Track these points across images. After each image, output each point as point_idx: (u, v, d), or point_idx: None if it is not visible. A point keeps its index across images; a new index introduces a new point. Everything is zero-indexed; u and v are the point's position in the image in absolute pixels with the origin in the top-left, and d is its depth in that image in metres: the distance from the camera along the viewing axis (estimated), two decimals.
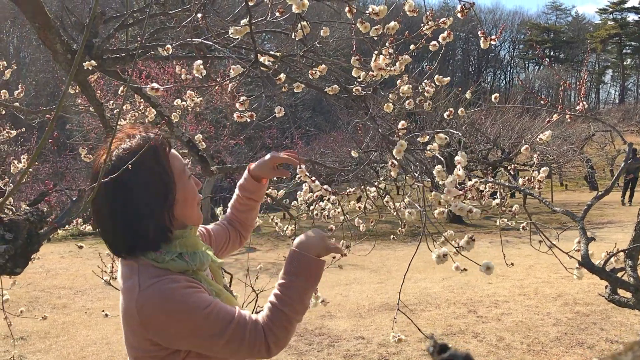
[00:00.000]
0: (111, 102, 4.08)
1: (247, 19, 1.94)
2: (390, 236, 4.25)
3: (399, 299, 2.44)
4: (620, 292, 2.45)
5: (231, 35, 1.95)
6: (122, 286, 1.42)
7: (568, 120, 2.82)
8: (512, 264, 2.50)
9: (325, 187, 2.29)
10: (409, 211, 2.33)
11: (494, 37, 2.16)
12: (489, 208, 3.09)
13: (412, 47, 2.37)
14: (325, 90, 2.50)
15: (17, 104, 4.02)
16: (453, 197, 1.84)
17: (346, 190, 3.34)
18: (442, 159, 2.09)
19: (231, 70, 2.02)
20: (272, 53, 2.41)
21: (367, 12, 2.08)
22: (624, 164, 2.80)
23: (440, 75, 2.55)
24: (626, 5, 66.89)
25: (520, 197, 2.95)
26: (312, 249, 1.53)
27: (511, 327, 6.20)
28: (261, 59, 2.28)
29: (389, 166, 2.23)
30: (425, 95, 2.58)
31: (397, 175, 2.44)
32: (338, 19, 2.73)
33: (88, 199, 1.16)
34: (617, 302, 2.41)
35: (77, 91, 3.61)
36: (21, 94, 4.18)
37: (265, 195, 1.99)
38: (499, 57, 72.46)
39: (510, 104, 21.15)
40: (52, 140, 4.45)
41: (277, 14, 2.01)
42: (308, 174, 2.26)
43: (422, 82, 2.58)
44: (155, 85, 1.88)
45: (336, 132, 25.80)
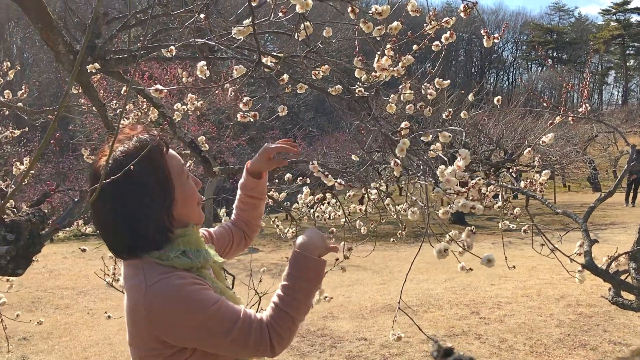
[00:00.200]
0: (114, 102, 4.08)
1: (250, 19, 1.94)
2: (391, 239, 4.25)
3: (400, 300, 2.44)
4: (624, 294, 2.44)
5: (234, 36, 1.95)
6: (127, 285, 1.42)
7: (571, 122, 2.81)
8: (514, 267, 2.49)
9: (339, 180, 2.29)
10: (412, 210, 2.32)
11: (496, 35, 2.16)
12: (491, 208, 3.08)
13: (414, 47, 2.37)
14: (328, 91, 2.50)
15: (20, 104, 4.03)
16: (455, 193, 1.84)
17: (348, 192, 3.34)
18: (445, 159, 2.08)
19: (234, 71, 2.02)
20: (275, 54, 2.41)
21: (370, 12, 2.07)
22: (627, 165, 2.80)
23: (441, 79, 2.54)
24: (629, 6, 66.74)
25: (522, 199, 2.94)
26: (314, 250, 1.54)
27: (514, 329, 6.19)
28: (264, 60, 2.28)
29: (392, 165, 2.23)
30: (428, 99, 2.58)
31: (400, 175, 2.44)
32: (341, 20, 2.72)
33: (89, 201, 1.16)
34: (620, 305, 2.40)
35: (80, 91, 3.61)
36: (24, 95, 4.18)
37: (267, 197, 1.97)
38: (502, 58, 72.34)
39: (513, 105, 21.14)
40: (54, 140, 4.45)
41: (280, 14, 2.01)
42: (320, 169, 2.26)
43: (424, 85, 2.57)
44: (159, 87, 1.88)
45: (339, 133, 25.78)
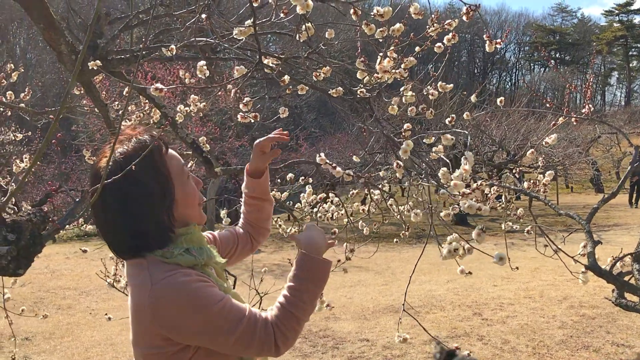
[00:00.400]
0: (116, 103, 4.08)
1: (252, 20, 1.93)
2: (394, 239, 4.24)
3: (404, 302, 2.43)
4: (627, 295, 2.43)
5: (235, 36, 1.94)
6: (131, 284, 1.42)
7: (574, 123, 2.80)
8: (516, 268, 2.48)
9: (348, 171, 2.28)
10: (415, 212, 2.32)
11: (499, 40, 2.15)
12: (496, 209, 3.07)
13: (417, 49, 2.36)
14: (330, 92, 2.50)
15: (23, 105, 4.03)
16: (460, 195, 1.83)
17: (350, 193, 3.33)
18: (447, 161, 2.08)
19: (235, 72, 2.02)
20: (276, 55, 2.41)
21: (372, 14, 2.07)
22: (630, 166, 2.79)
23: (444, 82, 2.54)
24: (632, 8, 66.62)
25: (525, 200, 2.94)
26: (318, 250, 1.54)
27: (516, 330, 6.17)
28: (265, 61, 2.27)
29: (394, 167, 2.22)
30: (430, 100, 2.57)
31: (402, 176, 2.43)
32: (343, 21, 2.72)
33: (91, 201, 1.16)
34: (624, 306, 2.39)
35: (82, 92, 3.61)
36: (27, 96, 4.18)
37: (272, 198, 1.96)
38: (505, 59, 72.20)
39: (516, 106, 21.11)
40: (55, 141, 4.46)
41: (282, 15, 2.01)
42: (328, 161, 2.26)
43: (426, 88, 2.57)
44: (159, 85, 1.88)
45: (341, 134, 25.79)
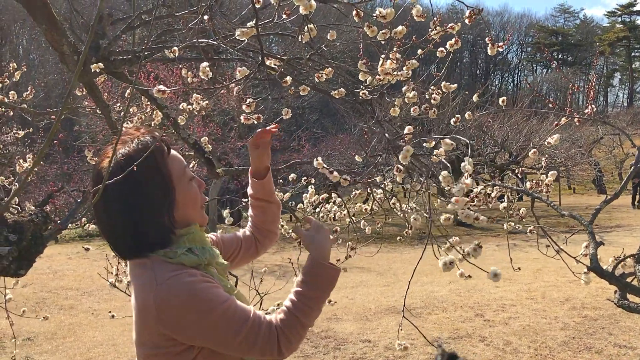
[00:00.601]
0: (118, 104, 4.08)
1: (254, 21, 1.93)
2: (397, 237, 4.24)
3: (404, 305, 2.43)
4: (630, 297, 2.43)
5: (237, 37, 1.94)
6: (135, 284, 1.42)
7: (576, 124, 2.80)
8: (519, 269, 2.48)
9: (344, 176, 2.28)
10: (414, 217, 2.32)
11: (500, 43, 2.15)
12: (496, 211, 3.07)
13: (419, 51, 2.36)
14: (331, 93, 2.50)
15: (25, 105, 4.03)
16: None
17: (352, 193, 3.34)
18: (448, 165, 2.08)
19: (237, 73, 2.02)
20: (278, 56, 2.41)
21: (375, 15, 2.07)
22: (632, 167, 2.78)
23: (448, 82, 2.53)
24: (635, 8, 66.54)
25: (527, 201, 2.94)
26: (327, 256, 1.55)
27: (518, 331, 6.16)
28: (268, 62, 2.27)
29: (394, 171, 2.23)
30: (432, 103, 2.57)
31: (402, 180, 2.44)
32: (345, 22, 2.72)
33: (92, 202, 1.16)
34: (626, 307, 2.39)
35: (85, 93, 3.61)
36: (30, 96, 4.18)
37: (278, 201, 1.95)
38: (507, 60, 72.18)
39: (518, 107, 21.10)
40: (57, 141, 4.46)
41: (284, 16, 2.01)
42: (325, 165, 2.26)
43: (429, 89, 2.56)
44: (162, 87, 1.88)
45: (343, 135, 25.82)
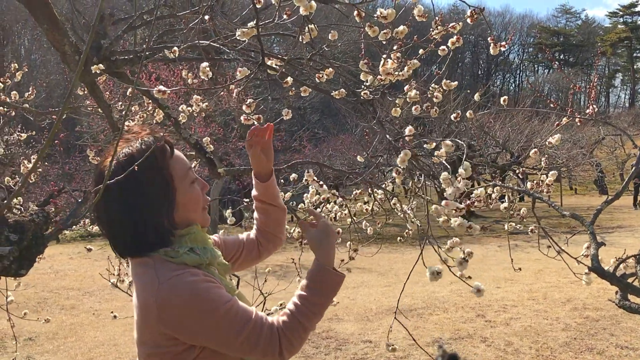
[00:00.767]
0: (119, 103, 4.08)
1: (255, 21, 1.93)
2: (398, 238, 4.24)
3: (397, 306, 2.43)
4: (631, 297, 2.42)
5: (238, 38, 1.94)
6: (137, 283, 1.42)
7: (578, 124, 2.80)
8: (520, 269, 2.48)
9: (333, 191, 2.29)
10: (412, 221, 2.32)
11: (503, 43, 2.15)
12: (497, 211, 3.07)
13: (421, 51, 2.36)
14: (332, 94, 2.50)
15: (27, 105, 4.03)
16: (453, 211, 1.83)
17: (353, 193, 3.33)
18: (448, 166, 2.08)
19: (238, 73, 2.02)
20: (279, 56, 2.41)
21: (376, 15, 2.07)
22: (634, 168, 2.78)
23: (448, 80, 2.53)
24: (637, 9, 66.46)
25: (529, 201, 2.93)
26: (332, 259, 1.56)
27: (520, 332, 6.16)
28: (268, 62, 2.27)
29: (394, 173, 2.23)
30: (434, 101, 2.57)
31: (401, 183, 2.44)
32: (346, 23, 2.72)
33: (93, 202, 1.16)
34: (627, 308, 2.38)
35: (86, 93, 3.61)
36: (31, 96, 4.19)
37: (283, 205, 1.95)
38: (509, 60, 72.14)
39: (520, 107, 21.10)
40: (58, 141, 4.46)
41: (285, 16, 2.01)
42: (315, 178, 2.26)
43: (430, 87, 2.56)
44: (162, 87, 1.89)
45: (344, 135, 25.82)
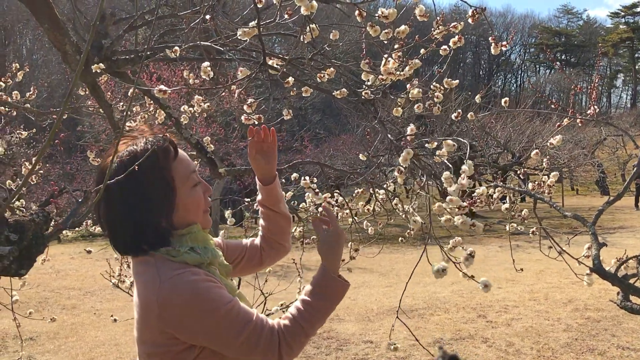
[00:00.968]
0: (121, 103, 4.08)
1: (256, 21, 1.93)
2: (399, 238, 4.24)
3: (399, 307, 2.42)
4: (633, 298, 2.42)
5: (239, 37, 1.94)
6: (138, 281, 1.41)
7: (579, 125, 2.79)
8: (521, 270, 2.47)
9: (327, 196, 2.28)
10: (414, 219, 2.31)
11: (504, 42, 2.14)
12: (498, 212, 3.06)
13: (422, 51, 2.36)
14: (334, 93, 2.49)
15: (28, 105, 4.04)
16: (457, 208, 1.83)
17: (355, 192, 3.33)
18: (450, 165, 2.08)
19: (239, 73, 2.02)
20: (280, 56, 2.41)
21: (377, 15, 2.06)
22: (636, 168, 2.77)
23: (449, 79, 2.52)
24: (638, 9, 66.41)
25: (530, 202, 2.93)
26: (338, 266, 1.55)
27: (521, 333, 6.15)
28: (270, 62, 2.27)
29: (395, 173, 2.22)
30: (435, 100, 2.57)
31: (403, 182, 2.43)
32: (348, 22, 2.71)
33: (94, 201, 1.16)
34: (629, 309, 2.38)
35: (87, 93, 3.61)
36: (33, 96, 4.19)
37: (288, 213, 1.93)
38: (510, 60, 72.13)
39: (521, 108, 21.09)
40: (58, 141, 4.45)
41: (286, 16, 2.01)
42: (312, 186, 2.25)
43: (432, 86, 2.56)
44: (163, 87, 1.88)
45: (346, 135, 25.83)
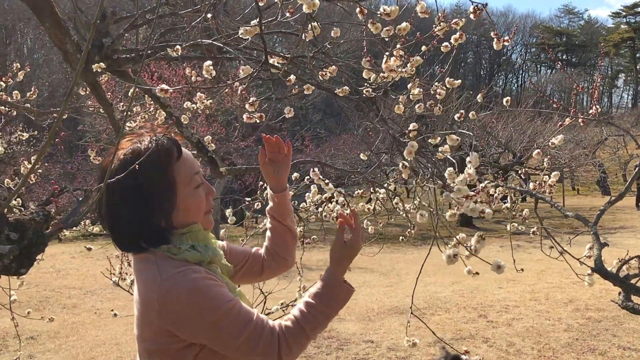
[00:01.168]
0: (121, 103, 4.08)
1: (257, 19, 1.93)
2: (400, 238, 4.24)
3: (412, 303, 2.42)
4: (634, 298, 2.41)
5: (241, 36, 1.94)
6: (138, 278, 1.41)
7: (580, 124, 2.79)
8: (522, 270, 2.47)
9: (339, 189, 2.28)
10: (421, 213, 2.30)
11: (506, 37, 2.14)
12: (500, 212, 3.06)
13: (423, 48, 2.35)
14: (335, 91, 2.49)
15: (28, 105, 4.03)
16: (464, 198, 1.82)
17: (355, 192, 3.32)
18: (453, 161, 2.07)
19: (241, 71, 2.01)
20: (282, 54, 2.40)
21: (379, 13, 2.06)
22: (637, 168, 2.77)
23: (452, 78, 2.52)
24: None
25: (531, 202, 2.92)
26: (345, 271, 1.55)
27: (522, 333, 6.15)
28: (271, 60, 2.27)
29: (400, 168, 2.22)
30: (437, 98, 2.56)
31: (407, 177, 2.43)
32: (349, 20, 2.71)
33: (95, 199, 1.16)
34: (630, 309, 2.37)
35: (88, 92, 3.61)
36: (33, 95, 4.18)
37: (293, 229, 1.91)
38: (511, 60, 72.17)
39: (522, 107, 21.08)
40: (59, 140, 4.45)
41: (287, 14, 2.00)
42: (321, 177, 2.25)
43: (433, 85, 2.55)
44: (165, 86, 1.88)
45: (347, 135, 25.84)
